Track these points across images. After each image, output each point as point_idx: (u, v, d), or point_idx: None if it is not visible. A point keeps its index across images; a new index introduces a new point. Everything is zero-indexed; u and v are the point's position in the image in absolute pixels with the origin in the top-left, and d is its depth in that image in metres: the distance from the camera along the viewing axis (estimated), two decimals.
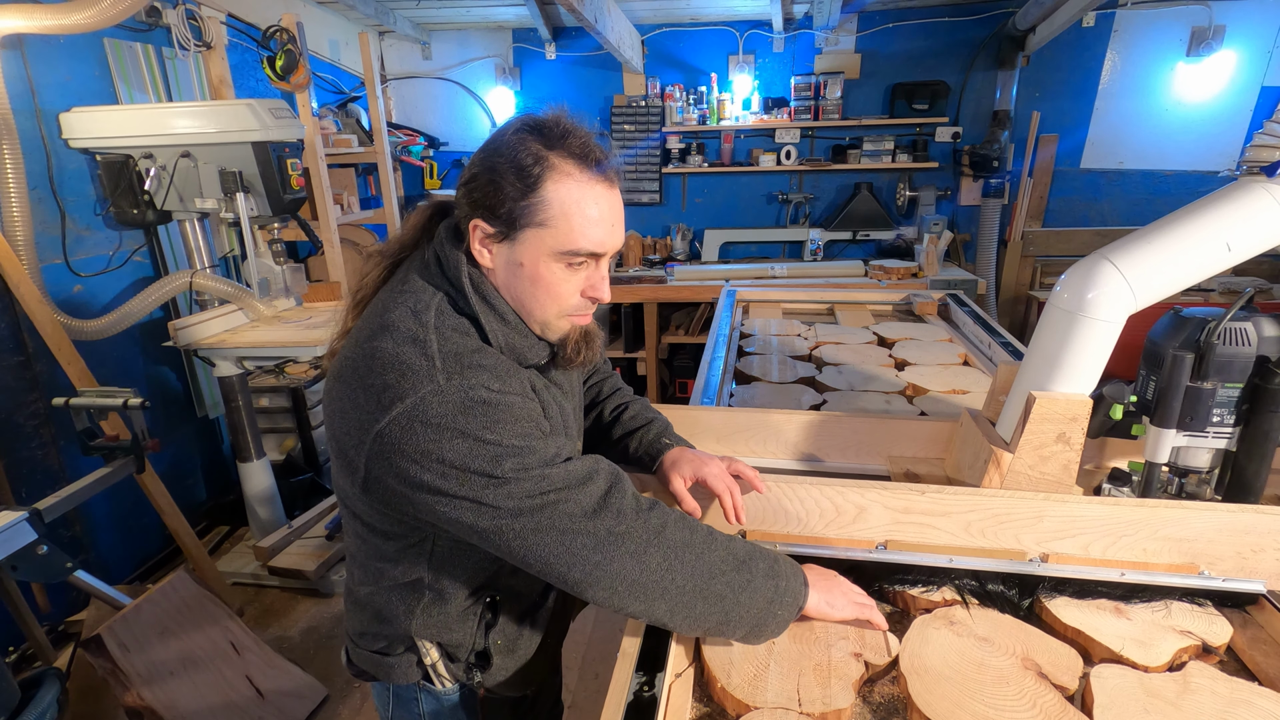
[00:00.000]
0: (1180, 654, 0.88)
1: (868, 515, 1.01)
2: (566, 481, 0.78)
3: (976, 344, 2.07)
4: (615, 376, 1.23)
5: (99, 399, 1.92)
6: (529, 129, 0.81)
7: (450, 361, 0.78)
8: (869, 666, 0.87)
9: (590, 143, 0.81)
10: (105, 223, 2.50)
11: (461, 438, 0.75)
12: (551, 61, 4.36)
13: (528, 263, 0.82)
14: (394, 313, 0.82)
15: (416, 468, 0.75)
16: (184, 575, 1.93)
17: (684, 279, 4.02)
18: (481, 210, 0.81)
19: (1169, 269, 0.92)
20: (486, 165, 0.81)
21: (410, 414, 0.74)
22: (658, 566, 0.79)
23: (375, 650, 0.99)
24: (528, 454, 0.77)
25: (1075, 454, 1.00)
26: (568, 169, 0.79)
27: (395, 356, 0.77)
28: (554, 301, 0.84)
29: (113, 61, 2.53)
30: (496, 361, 0.82)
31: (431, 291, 0.85)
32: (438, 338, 0.80)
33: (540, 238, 0.80)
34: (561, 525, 0.77)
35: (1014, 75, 3.93)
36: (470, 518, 0.77)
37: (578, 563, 0.77)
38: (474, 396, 0.76)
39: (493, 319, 0.84)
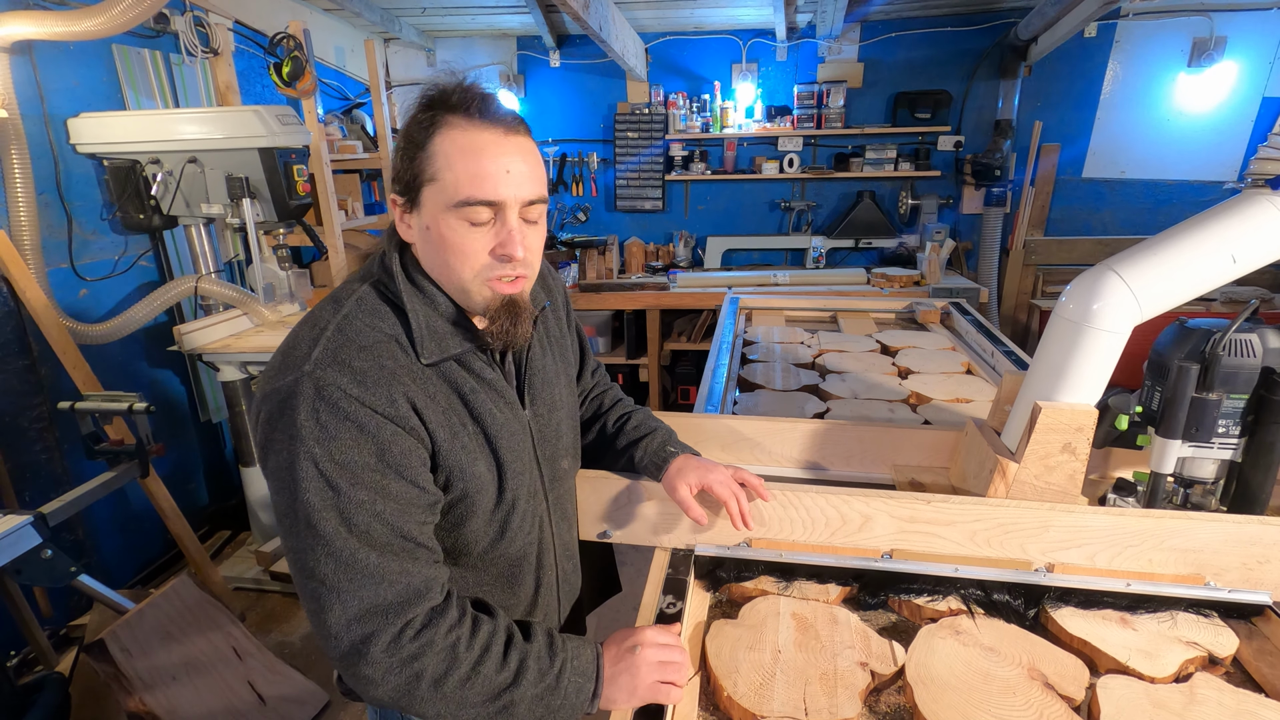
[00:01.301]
0: (1186, 665, 0.88)
1: (873, 524, 1.02)
2: (347, 565, 0.72)
3: (979, 352, 2.07)
4: (615, 388, 1.23)
5: (104, 403, 1.92)
6: (425, 97, 0.81)
7: (328, 351, 0.76)
8: (875, 676, 0.87)
9: (476, 93, 0.79)
10: (111, 227, 2.52)
11: (291, 441, 0.72)
12: (556, 69, 4.38)
13: (431, 224, 0.80)
14: (321, 305, 0.84)
15: (263, 444, 0.76)
16: (186, 580, 1.93)
17: (686, 286, 4.03)
18: (395, 185, 0.83)
19: (1174, 281, 0.93)
20: (397, 143, 0.83)
21: (275, 395, 0.75)
22: (390, 692, 0.74)
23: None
24: (332, 493, 0.72)
25: (1081, 464, 1.00)
26: (452, 120, 0.78)
27: (294, 340, 0.79)
28: (463, 262, 0.80)
29: (121, 67, 2.54)
30: (374, 364, 0.76)
31: (359, 282, 0.85)
32: (338, 325, 0.79)
33: (435, 194, 0.78)
34: (319, 599, 0.73)
35: (1016, 85, 3.95)
36: (277, 512, 0.76)
37: (326, 646, 0.74)
38: (324, 396, 0.73)
39: (417, 300, 0.83)
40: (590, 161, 4.51)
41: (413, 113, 0.81)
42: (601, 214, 4.63)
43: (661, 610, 0.97)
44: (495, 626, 0.80)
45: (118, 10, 1.99)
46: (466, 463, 0.82)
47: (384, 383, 0.76)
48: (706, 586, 1.06)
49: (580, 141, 4.52)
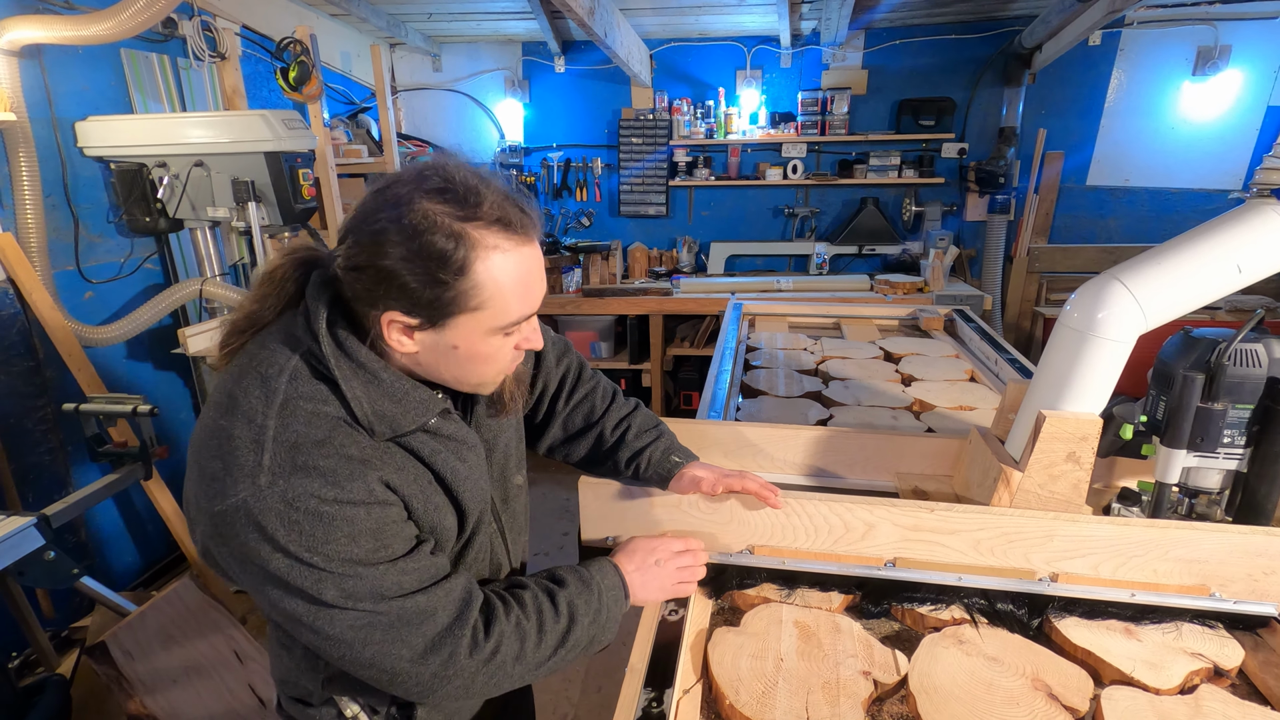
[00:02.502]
0: (1191, 676, 0.88)
1: (876, 532, 1.01)
2: (399, 619, 0.72)
3: (983, 360, 2.06)
4: (602, 382, 1.13)
5: (109, 405, 1.93)
6: (433, 195, 0.69)
7: (281, 457, 0.68)
8: (878, 685, 0.87)
9: (505, 200, 0.72)
10: (117, 230, 2.53)
11: (280, 554, 0.67)
12: (560, 75, 4.40)
13: (463, 345, 0.74)
14: (243, 381, 0.72)
15: (238, 567, 0.70)
16: (189, 583, 1.93)
17: (689, 291, 4.04)
18: (392, 302, 0.70)
19: (1179, 290, 0.93)
20: (392, 247, 0.68)
21: (232, 515, 0.67)
22: (483, 686, 0.78)
23: (296, 698, 0.93)
24: (355, 582, 0.70)
25: (1085, 473, 1.00)
26: (492, 241, 0.70)
27: (227, 441, 0.69)
28: (491, 368, 0.79)
29: (129, 71, 2.56)
30: (340, 459, 0.70)
31: (288, 353, 0.73)
32: (279, 420, 0.69)
33: (475, 320, 0.72)
34: (384, 664, 0.73)
35: (1020, 92, 3.95)
36: (284, 618, 0.72)
37: (400, 688, 0.75)
38: (298, 507, 0.67)
39: (357, 384, 0.73)
40: (594, 167, 4.52)
41: (430, 213, 0.68)
42: (605, 219, 4.64)
43: (663, 617, 0.97)
44: (534, 590, 0.85)
45: (127, 15, 2.01)
46: (437, 519, 0.81)
47: (356, 475, 0.71)
48: (709, 593, 1.06)
49: (584, 147, 4.53)
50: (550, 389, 1.10)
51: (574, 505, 1.10)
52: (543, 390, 1.09)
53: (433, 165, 0.72)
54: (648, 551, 0.96)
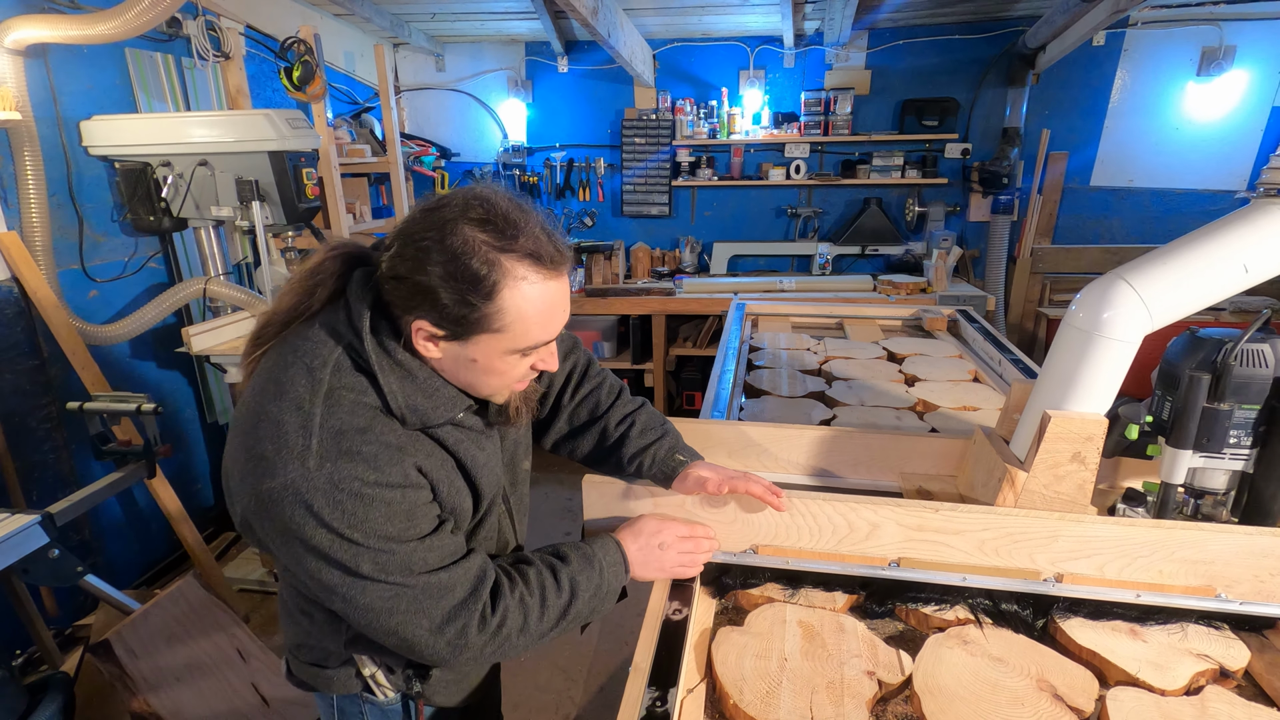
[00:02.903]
0: (1197, 678, 0.88)
1: (880, 532, 1.01)
2: (423, 593, 0.80)
3: (987, 361, 2.06)
4: (609, 379, 1.16)
5: (113, 404, 1.93)
6: (476, 223, 0.75)
7: (328, 443, 0.75)
8: (882, 685, 0.87)
9: (542, 238, 0.78)
10: (122, 229, 2.54)
11: (324, 529, 0.74)
12: (563, 75, 4.40)
13: (481, 359, 0.81)
14: (290, 369, 0.79)
15: (277, 538, 0.77)
16: (192, 581, 1.93)
17: (692, 291, 4.03)
18: (425, 311, 0.77)
19: (1185, 290, 0.92)
20: (431, 263, 0.75)
21: (279, 493, 0.74)
22: (491, 655, 0.86)
23: (312, 662, 0.99)
24: (389, 557, 0.77)
25: (1090, 474, 1.00)
26: (522, 273, 0.76)
27: (276, 426, 0.75)
28: (504, 381, 0.86)
29: (133, 71, 2.57)
30: (381, 446, 0.78)
31: (331, 345, 0.80)
32: (324, 408, 0.76)
33: (496, 340, 0.79)
34: (406, 632, 0.80)
35: (1024, 93, 3.95)
36: (320, 588, 0.79)
37: (418, 655, 0.83)
38: (342, 488, 0.74)
39: (394, 379, 0.80)
40: (597, 167, 4.52)
41: (470, 239, 0.74)
42: (608, 219, 4.64)
43: (667, 617, 0.97)
44: (539, 567, 0.91)
45: (132, 14, 2.01)
46: (457, 502, 0.89)
47: (395, 460, 0.79)
48: (713, 593, 1.06)
49: (587, 147, 4.53)
50: (556, 383, 1.12)
51: (576, 505, 1.11)
52: (550, 384, 1.12)
53: (480, 194, 0.78)
54: (653, 533, 0.99)
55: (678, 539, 1.00)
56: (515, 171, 4.51)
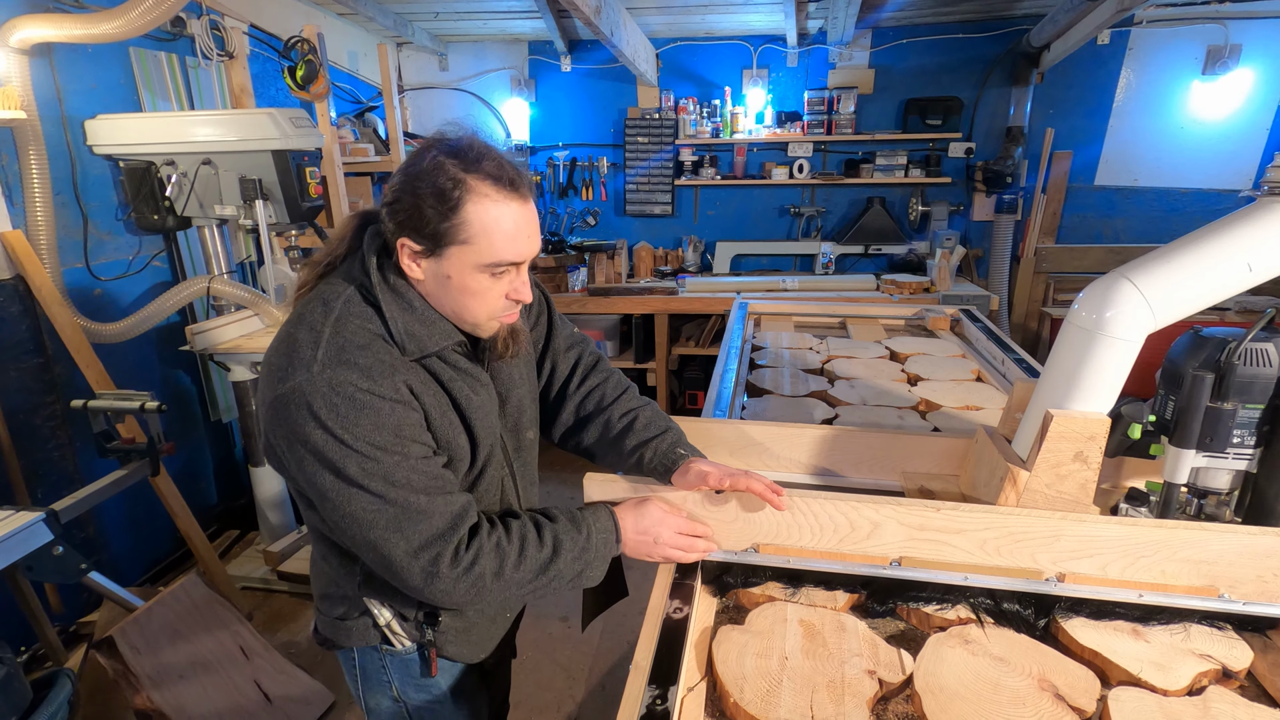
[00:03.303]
0: (1200, 678, 0.87)
1: (882, 531, 1.01)
2: (402, 511, 0.86)
3: (990, 360, 2.06)
4: (617, 375, 1.22)
5: (117, 402, 1.94)
6: (445, 153, 0.86)
7: (331, 353, 0.85)
8: (883, 684, 0.87)
9: (503, 163, 0.88)
10: (126, 228, 2.54)
11: (320, 429, 0.83)
12: (567, 74, 4.40)
13: (454, 275, 0.89)
14: (311, 304, 0.91)
15: (284, 443, 0.86)
16: (195, 579, 1.94)
17: (695, 291, 4.03)
18: (407, 231, 0.88)
19: (1189, 288, 0.92)
20: (408, 189, 0.86)
21: (287, 396, 0.84)
22: (465, 594, 0.89)
23: (336, 616, 1.05)
24: (373, 464, 0.84)
25: (1093, 473, 0.99)
26: (484, 190, 0.86)
27: (290, 340, 0.87)
28: (483, 306, 0.92)
29: (138, 70, 2.58)
30: (375, 360, 0.87)
31: (345, 284, 0.92)
32: (333, 327, 0.87)
33: (464, 253, 0.87)
34: (384, 549, 0.86)
35: (1028, 92, 3.93)
36: (316, 495, 0.87)
37: (396, 579, 0.89)
38: (339, 391, 0.83)
39: (395, 307, 0.90)
40: (600, 166, 4.52)
41: (441, 164, 0.85)
42: (611, 218, 4.65)
43: (668, 615, 0.97)
44: (524, 520, 0.96)
45: (136, 14, 2.02)
46: (451, 435, 0.95)
47: (387, 374, 0.87)
48: (713, 592, 1.06)
49: (590, 146, 4.53)
50: (561, 371, 1.18)
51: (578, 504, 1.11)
52: (552, 370, 1.18)
53: (449, 133, 0.90)
54: (655, 522, 1.01)
55: (674, 536, 1.02)
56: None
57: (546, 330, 1.18)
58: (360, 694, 1.12)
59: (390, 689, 1.09)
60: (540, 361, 1.17)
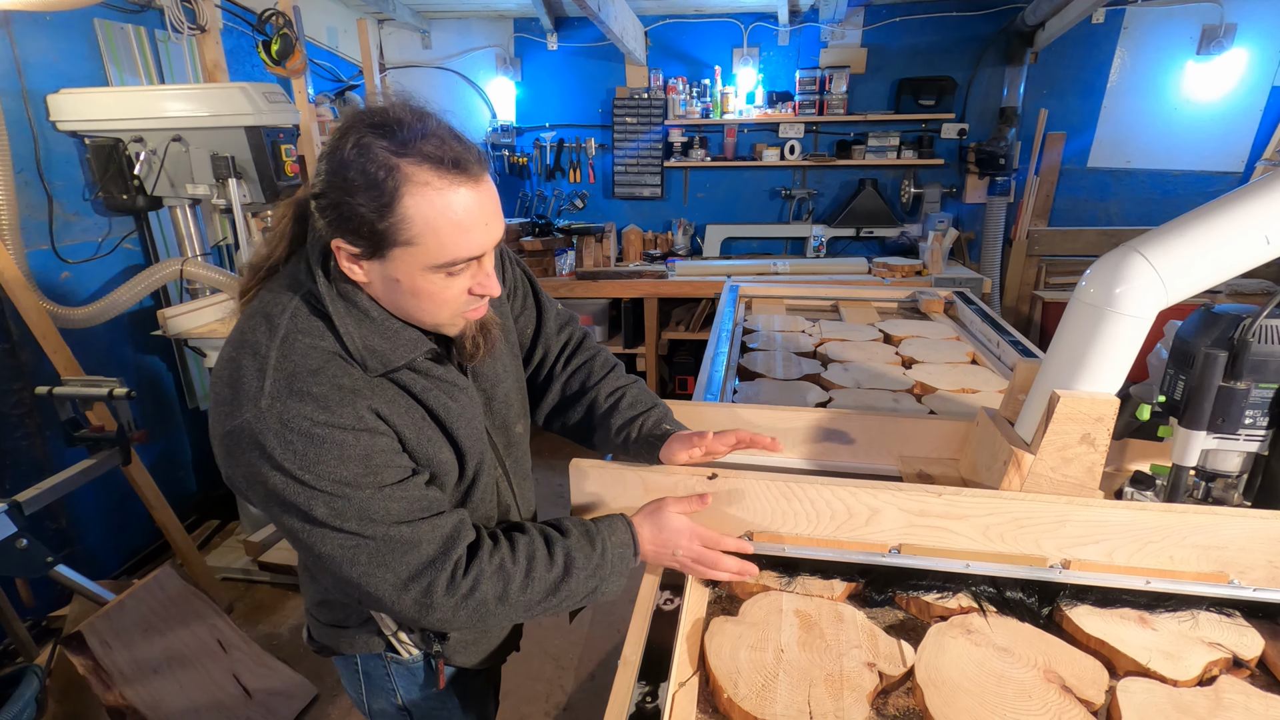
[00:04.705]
0: (1210, 667, 0.84)
1: (881, 518, 0.97)
2: (384, 545, 0.77)
3: (985, 343, 2.03)
4: (604, 353, 1.16)
5: (83, 388, 1.86)
6: (372, 131, 0.71)
7: (280, 383, 0.74)
8: (883, 677, 0.83)
9: (445, 139, 0.73)
10: (94, 208, 2.45)
11: (278, 471, 0.74)
12: (553, 52, 4.30)
13: (404, 279, 0.77)
14: (252, 319, 0.79)
15: (243, 481, 0.77)
16: (170, 570, 1.88)
17: (685, 274, 3.97)
18: (340, 231, 0.74)
19: (1204, 262, 0.87)
20: (334, 181, 0.72)
21: (237, 434, 0.74)
22: (468, 620, 0.82)
23: (334, 623, 0.99)
24: (343, 503, 0.75)
25: (1100, 456, 0.95)
26: (424, 178, 0.71)
27: (235, 369, 0.76)
28: (440, 307, 0.80)
29: (103, 43, 2.46)
30: (332, 387, 0.76)
31: (290, 295, 0.80)
32: (280, 351, 0.76)
33: (411, 255, 0.74)
34: (369, 585, 0.78)
35: (1022, 72, 3.88)
36: (285, 534, 0.79)
37: (387, 613, 0.83)
38: (292, 427, 0.73)
39: (349, 319, 0.79)
40: (588, 147, 4.43)
41: (368, 147, 0.70)
42: (599, 201, 4.57)
43: (658, 607, 0.92)
44: (531, 536, 0.88)
45: None
46: (433, 452, 0.85)
47: (347, 401, 0.76)
48: (706, 581, 1.02)
49: (578, 127, 4.44)
50: (551, 355, 1.12)
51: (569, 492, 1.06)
52: (544, 356, 1.11)
53: (383, 103, 0.75)
54: (674, 532, 0.93)
55: (693, 554, 0.94)
56: (504, 152, 4.42)
57: (536, 316, 1.10)
58: (364, 700, 1.06)
59: (395, 696, 1.04)
60: (531, 350, 1.11)
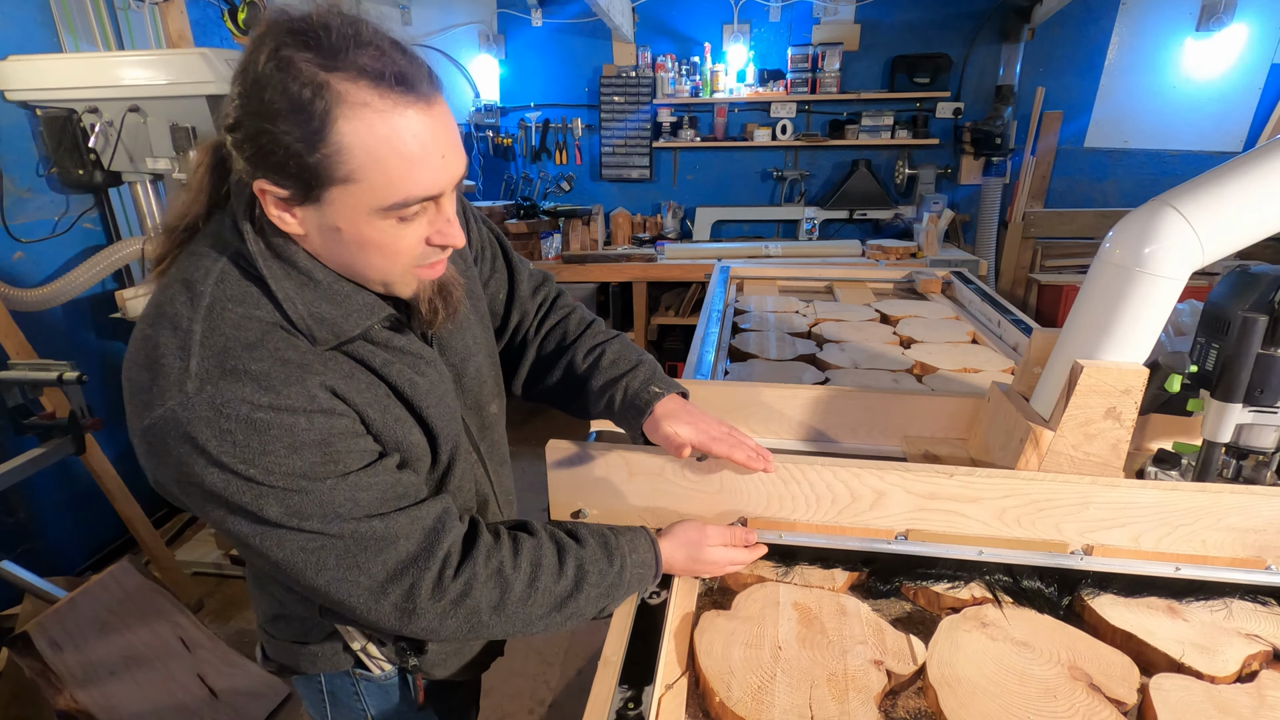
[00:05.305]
0: (1249, 661, 0.77)
1: (887, 501, 0.89)
2: (354, 544, 0.66)
3: (985, 322, 1.96)
4: (580, 310, 1.04)
5: (31, 372, 1.75)
6: (292, 38, 0.58)
7: (209, 362, 0.61)
8: (891, 676, 0.75)
9: (385, 50, 0.60)
10: (49, 185, 2.31)
11: (215, 467, 0.61)
12: (538, 29, 4.16)
13: (346, 226, 0.64)
14: (169, 289, 0.66)
15: (179, 488, 0.65)
16: (127, 565, 1.77)
17: (674, 258, 3.88)
18: (263, 170, 0.61)
19: (1247, 216, 0.79)
20: (250, 105, 0.59)
21: (160, 428, 0.61)
22: (457, 631, 0.72)
23: (292, 639, 0.86)
24: (301, 498, 0.63)
25: (1126, 432, 0.87)
26: (361, 97, 0.58)
27: (152, 349, 0.63)
28: (393, 261, 0.67)
29: (55, 8, 2.32)
30: (275, 362, 0.64)
31: (215, 256, 0.66)
32: (206, 323, 0.63)
33: (352, 195, 0.61)
34: (339, 593, 0.67)
35: (1018, 49, 3.80)
36: (234, 541, 0.67)
37: (363, 622, 0.73)
38: (228, 414, 0.60)
39: (288, 282, 0.66)
40: (574, 128, 4.31)
41: (288, 61, 0.57)
42: (586, 183, 4.45)
43: (643, 601, 0.84)
44: (539, 540, 0.77)
45: None
46: (401, 434, 0.74)
47: (293, 378, 0.64)
48: None
49: (564, 106, 4.32)
50: (528, 319, 1.02)
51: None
52: (519, 322, 1.01)
53: (305, 12, 0.60)
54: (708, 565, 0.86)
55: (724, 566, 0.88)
56: (488, 133, 4.29)
57: (509, 279, 0.98)
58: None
59: (366, 717, 0.91)
60: (506, 317, 0.99)
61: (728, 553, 0.87)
